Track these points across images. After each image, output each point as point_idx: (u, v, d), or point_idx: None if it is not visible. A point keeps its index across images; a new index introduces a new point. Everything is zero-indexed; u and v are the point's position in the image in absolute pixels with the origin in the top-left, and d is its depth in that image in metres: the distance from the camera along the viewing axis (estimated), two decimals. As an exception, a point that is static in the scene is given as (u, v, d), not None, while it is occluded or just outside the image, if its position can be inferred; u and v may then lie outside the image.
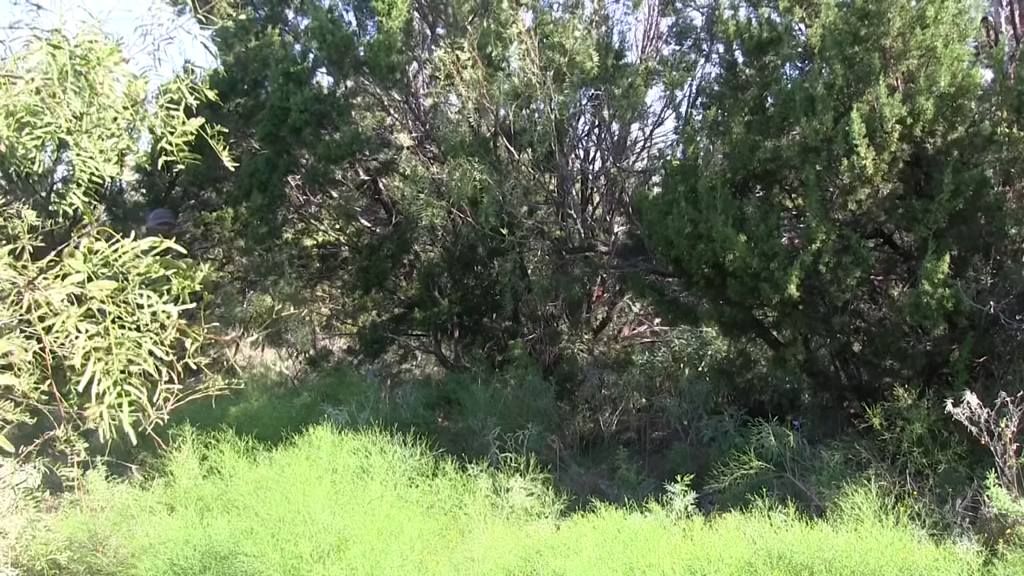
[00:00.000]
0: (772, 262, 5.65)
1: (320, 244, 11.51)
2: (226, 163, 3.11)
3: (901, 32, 5.41)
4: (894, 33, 5.41)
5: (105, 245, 2.38)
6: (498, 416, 7.04)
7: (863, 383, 6.59)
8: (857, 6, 5.45)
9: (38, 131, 2.60)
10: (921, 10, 5.37)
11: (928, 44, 5.37)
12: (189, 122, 2.91)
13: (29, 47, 2.49)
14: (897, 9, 5.31)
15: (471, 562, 4.30)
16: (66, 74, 2.43)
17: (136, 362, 2.31)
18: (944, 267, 5.19)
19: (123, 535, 4.81)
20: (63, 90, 2.42)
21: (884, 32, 5.38)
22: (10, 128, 2.60)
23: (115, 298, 2.29)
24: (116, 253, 2.33)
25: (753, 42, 6.45)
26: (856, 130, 5.25)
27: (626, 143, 9.38)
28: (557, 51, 7.45)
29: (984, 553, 4.24)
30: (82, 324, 2.27)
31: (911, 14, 5.38)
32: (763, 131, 6.17)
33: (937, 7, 5.31)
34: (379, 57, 7.93)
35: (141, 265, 2.31)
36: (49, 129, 2.59)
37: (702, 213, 6.04)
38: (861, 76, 5.52)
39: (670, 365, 9.03)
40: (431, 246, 10.43)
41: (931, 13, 5.32)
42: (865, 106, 5.39)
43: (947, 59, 5.32)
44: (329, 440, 5.36)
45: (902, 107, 5.34)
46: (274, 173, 9.38)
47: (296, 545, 3.82)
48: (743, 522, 4.59)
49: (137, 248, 2.35)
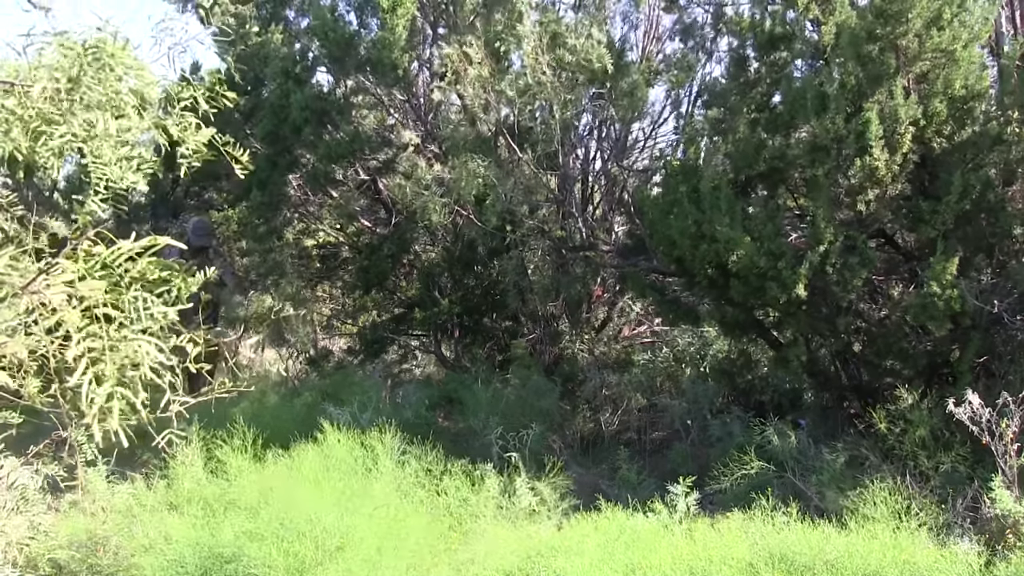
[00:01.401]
0: (780, 261, 5.61)
1: (320, 244, 11.51)
2: (237, 171, 3.13)
3: (918, 33, 5.37)
4: (912, 34, 5.36)
5: (103, 247, 2.38)
6: (499, 416, 7.03)
7: (864, 383, 6.58)
8: (875, 5, 5.40)
9: (54, 141, 2.61)
10: (937, 11, 5.32)
11: (945, 46, 5.33)
12: (200, 134, 2.93)
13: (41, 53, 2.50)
14: (918, 10, 5.27)
15: (472, 563, 4.30)
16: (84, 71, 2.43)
17: (136, 364, 2.31)
18: (952, 268, 5.18)
19: (124, 535, 4.81)
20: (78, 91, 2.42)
21: (902, 32, 5.32)
22: (27, 138, 2.61)
23: (112, 300, 2.29)
24: (113, 255, 2.34)
25: (765, 37, 6.39)
26: (873, 131, 5.21)
27: (628, 142, 9.39)
28: (567, 50, 7.44)
29: (985, 553, 4.24)
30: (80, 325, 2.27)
31: (929, 15, 5.34)
32: (769, 129, 6.13)
33: (954, 9, 5.28)
34: (382, 55, 7.91)
35: (136, 267, 2.31)
36: (65, 139, 2.60)
37: (705, 213, 6.02)
38: (875, 76, 5.47)
39: (670, 365, 9.02)
40: (431, 246, 10.42)
41: (947, 15, 5.28)
42: (877, 106, 5.36)
43: (964, 62, 5.29)
44: (333, 440, 5.36)
45: (917, 108, 5.31)
46: (274, 171, 9.36)
47: (300, 547, 3.82)
48: (744, 523, 4.59)
49: (133, 249, 2.35)
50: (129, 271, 2.31)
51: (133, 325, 2.30)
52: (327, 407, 7.08)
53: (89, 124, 2.47)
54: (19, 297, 2.26)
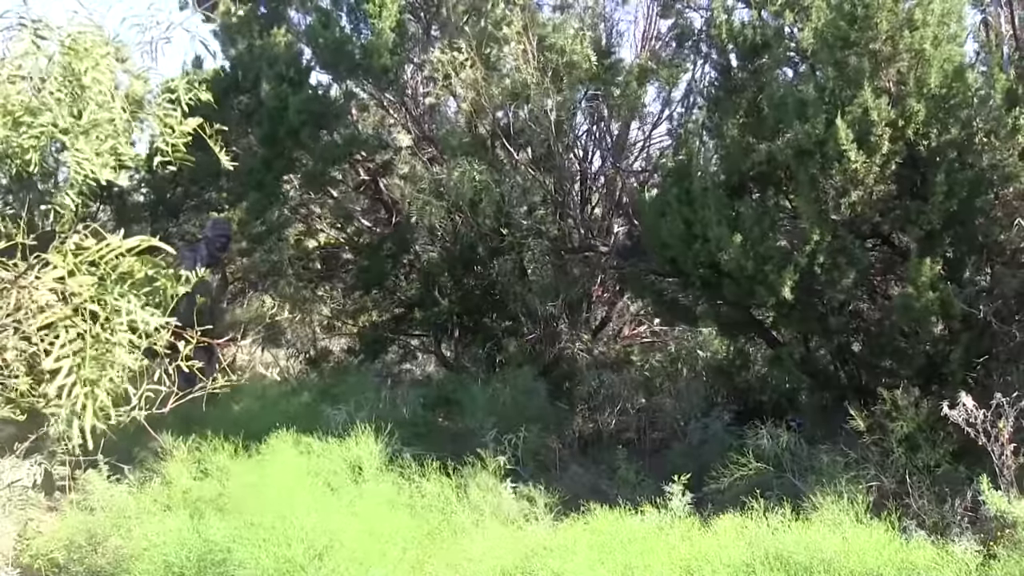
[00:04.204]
0: (767, 264, 5.65)
1: (320, 245, 11.52)
2: (225, 163, 3.10)
3: (890, 35, 5.40)
4: (883, 37, 5.40)
5: (93, 242, 2.37)
6: (498, 416, 7.03)
7: (862, 383, 6.58)
8: (845, 11, 5.45)
9: (34, 130, 2.59)
10: (909, 12, 5.36)
11: (917, 47, 5.36)
12: (187, 121, 2.89)
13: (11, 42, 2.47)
14: (884, 13, 5.30)
15: (468, 562, 4.29)
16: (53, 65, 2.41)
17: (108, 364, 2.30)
18: (927, 271, 5.20)
19: (122, 535, 4.81)
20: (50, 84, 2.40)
21: (873, 36, 5.37)
22: (6, 127, 2.59)
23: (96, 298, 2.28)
24: (102, 251, 2.32)
25: (747, 45, 6.46)
26: (843, 135, 5.26)
27: (624, 143, 9.39)
28: (554, 51, 7.46)
29: (983, 553, 4.23)
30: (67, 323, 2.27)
31: (899, 17, 5.37)
32: (757, 134, 6.18)
33: (924, 9, 5.30)
34: (373, 59, 7.93)
35: (124, 264, 2.30)
36: (45, 129, 2.58)
37: (697, 214, 6.05)
38: (852, 79, 5.52)
39: (669, 365, 9.02)
40: (431, 246, 10.42)
41: (919, 16, 5.31)
42: (858, 109, 5.39)
43: (937, 60, 5.32)
44: (330, 441, 5.36)
45: (891, 110, 5.34)
46: (269, 172, 9.37)
47: (289, 548, 3.82)
48: (742, 523, 4.58)
49: (122, 247, 2.34)
50: (118, 267, 2.30)
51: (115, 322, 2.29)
52: (325, 407, 7.08)
53: (72, 115, 2.45)
54: (8, 292, 2.25)
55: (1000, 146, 5.29)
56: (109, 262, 2.30)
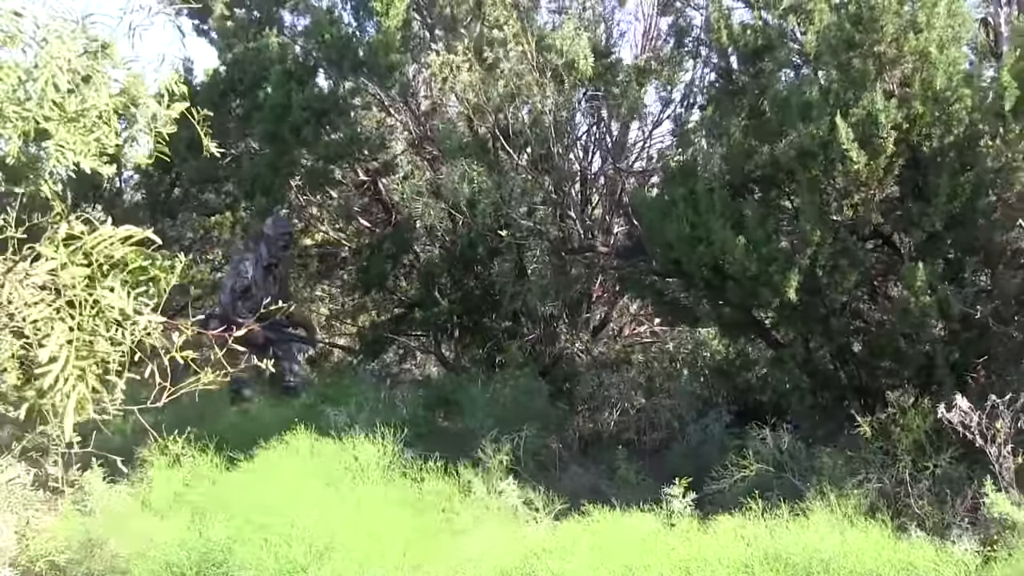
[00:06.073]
0: (771, 266, 5.65)
1: (320, 244, 11.51)
2: (212, 149, 3.03)
3: (895, 38, 5.41)
4: (888, 39, 5.41)
5: (86, 231, 2.34)
6: (497, 416, 7.03)
7: (862, 383, 6.58)
8: (851, 12, 5.45)
9: (14, 119, 2.53)
10: (914, 15, 5.37)
11: (922, 49, 5.36)
12: (174, 105, 2.83)
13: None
14: (890, 15, 5.31)
15: (468, 562, 4.29)
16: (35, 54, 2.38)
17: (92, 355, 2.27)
18: (922, 274, 5.20)
19: (121, 537, 4.80)
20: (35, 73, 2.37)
21: (878, 39, 5.38)
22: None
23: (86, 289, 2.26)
24: (95, 241, 2.30)
25: (748, 49, 6.45)
26: (844, 137, 5.26)
27: (625, 143, 9.38)
28: (553, 52, 7.45)
29: (983, 553, 4.23)
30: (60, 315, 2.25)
31: (904, 19, 5.38)
32: (760, 136, 6.17)
33: (929, 12, 5.31)
34: (378, 57, 7.93)
35: (117, 253, 2.28)
36: (27, 118, 2.52)
37: (701, 216, 6.05)
38: (856, 81, 5.53)
39: (669, 366, 9.02)
40: (431, 246, 10.42)
41: (923, 18, 5.32)
42: (861, 111, 5.39)
43: (942, 64, 5.32)
44: (325, 442, 5.35)
45: (897, 112, 5.34)
46: (277, 176, 9.41)
47: (289, 549, 3.82)
48: (741, 523, 4.58)
49: (115, 236, 2.31)
50: (111, 256, 2.27)
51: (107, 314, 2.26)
52: (324, 408, 7.08)
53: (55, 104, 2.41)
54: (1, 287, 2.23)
55: (1005, 149, 5.29)
56: (102, 251, 2.28)
